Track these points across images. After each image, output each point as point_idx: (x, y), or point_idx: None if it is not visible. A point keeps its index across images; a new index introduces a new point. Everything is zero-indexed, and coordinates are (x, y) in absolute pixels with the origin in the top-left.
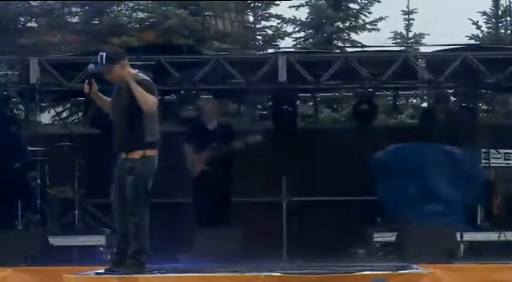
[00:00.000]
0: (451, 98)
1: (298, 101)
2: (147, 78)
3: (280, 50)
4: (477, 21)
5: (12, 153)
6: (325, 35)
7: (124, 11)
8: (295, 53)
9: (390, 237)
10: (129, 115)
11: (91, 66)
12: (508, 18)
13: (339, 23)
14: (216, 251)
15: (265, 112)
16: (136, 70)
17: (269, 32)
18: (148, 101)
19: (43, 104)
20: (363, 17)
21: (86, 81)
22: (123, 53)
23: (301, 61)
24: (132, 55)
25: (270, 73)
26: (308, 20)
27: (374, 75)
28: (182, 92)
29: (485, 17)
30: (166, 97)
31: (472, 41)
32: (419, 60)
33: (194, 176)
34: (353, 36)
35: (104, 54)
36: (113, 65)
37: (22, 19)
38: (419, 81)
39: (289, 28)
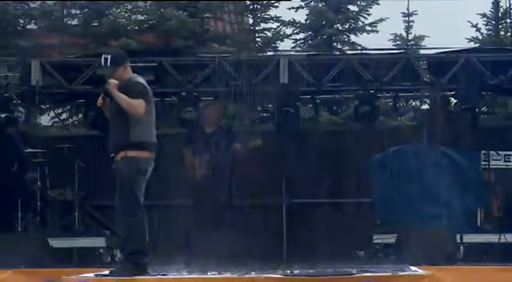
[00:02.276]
0: (450, 100)
1: (299, 103)
2: (139, 80)
3: (281, 52)
4: (476, 24)
5: (12, 155)
6: (324, 36)
7: (123, 13)
8: (297, 55)
9: (390, 239)
10: (116, 118)
11: (107, 84)
12: (508, 20)
13: (339, 25)
14: (217, 253)
15: (266, 114)
16: (135, 74)
17: (268, 34)
18: (132, 105)
19: (43, 106)
20: (362, 19)
21: (102, 95)
22: (125, 56)
23: (303, 63)
24: (133, 57)
25: (272, 75)
26: (307, 22)
27: (375, 77)
28: (183, 93)
29: (484, 19)
30: (167, 99)
31: (472, 44)
32: (421, 62)
33: (194, 178)
34: (352, 38)
35: (109, 56)
36: (116, 67)
37: (21, 21)
38: (420, 83)
39: (289, 30)
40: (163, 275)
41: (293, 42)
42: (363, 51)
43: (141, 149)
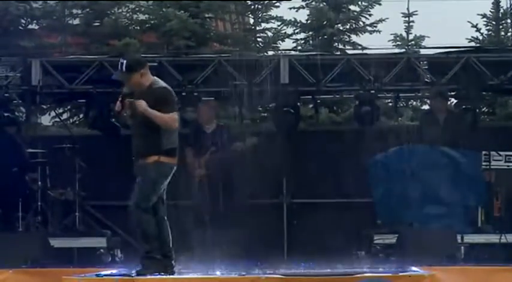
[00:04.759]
0: (451, 98)
1: (299, 103)
2: (165, 87)
3: (282, 52)
4: (477, 24)
5: (13, 155)
6: (325, 37)
7: (125, 13)
8: (297, 55)
9: (391, 239)
10: (146, 122)
11: (126, 88)
12: (509, 21)
13: (339, 25)
14: (217, 252)
15: (266, 114)
16: (155, 78)
17: (269, 33)
18: (167, 122)
19: (44, 106)
20: (363, 19)
21: (120, 99)
22: (143, 62)
23: (303, 63)
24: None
25: (272, 75)
26: (308, 21)
27: (376, 77)
28: (183, 93)
29: (485, 19)
30: None
31: (472, 44)
32: (421, 62)
33: (194, 178)
34: (353, 38)
35: (124, 62)
36: (132, 73)
37: (23, 21)
38: (420, 83)
39: (290, 30)
40: (164, 275)
41: (294, 42)
42: (364, 52)
43: (171, 155)
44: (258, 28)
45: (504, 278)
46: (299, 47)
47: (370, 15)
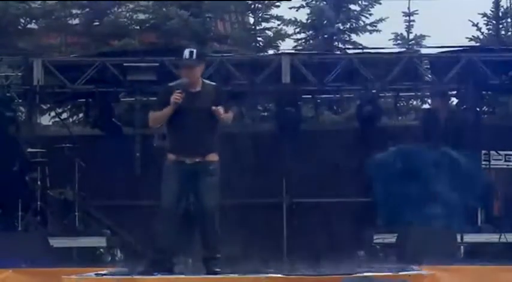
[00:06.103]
0: (451, 98)
1: (301, 103)
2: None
3: (283, 52)
4: (477, 23)
5: (13, 154)
6: (325, 36)
7: (125, 13)
8: (299, 55)
9: (390, 238)
10: (209, 120)
11: (185, 79)
12: (509, 20)
13: (340, 25)
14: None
15: (266, 113)
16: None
17: (269, 33)
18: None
19: (44, 106)
20: (363, 18)
21: (178, 91)
22: (205, 55)
23: (305, 63)
24: (135, 57)
25: (274, 74)
26: (309, 21)
27: (377, 76)
28: None
29: (485, 18)
30: None
31: (473, 43)
32: (422, 61)
33: None
34: (354, 37)
35: (195, 50)
36: (200, 63)
37: (22, 20)
38: (421, 83)
39: (290, 29)
40: (164, 275)
41: (294, 42)
42: (365, 51)
43: None
44: (258, 27)
45: (504, 278)
46: (299, 47)
47: (370, 14)
